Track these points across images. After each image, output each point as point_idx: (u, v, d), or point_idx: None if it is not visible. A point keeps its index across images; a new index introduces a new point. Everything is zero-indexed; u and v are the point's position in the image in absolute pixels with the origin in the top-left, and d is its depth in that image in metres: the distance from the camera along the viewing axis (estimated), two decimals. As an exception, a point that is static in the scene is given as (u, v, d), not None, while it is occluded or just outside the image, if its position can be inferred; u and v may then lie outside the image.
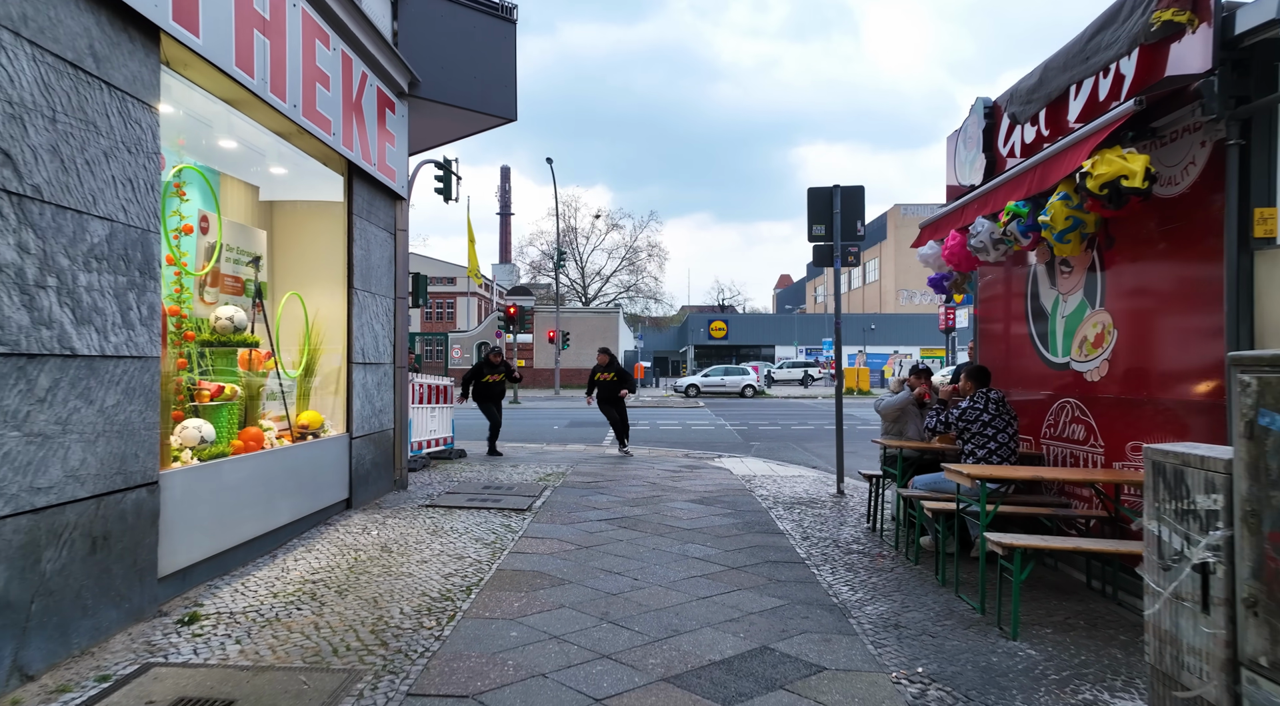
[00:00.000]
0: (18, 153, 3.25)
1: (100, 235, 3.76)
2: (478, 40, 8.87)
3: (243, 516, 5.21)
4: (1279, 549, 2.54)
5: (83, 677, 3.44)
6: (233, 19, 4.81)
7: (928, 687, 3.65)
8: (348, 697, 3.36)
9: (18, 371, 3.27)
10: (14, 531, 3.25)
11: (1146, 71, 4.49)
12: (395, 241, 8.20)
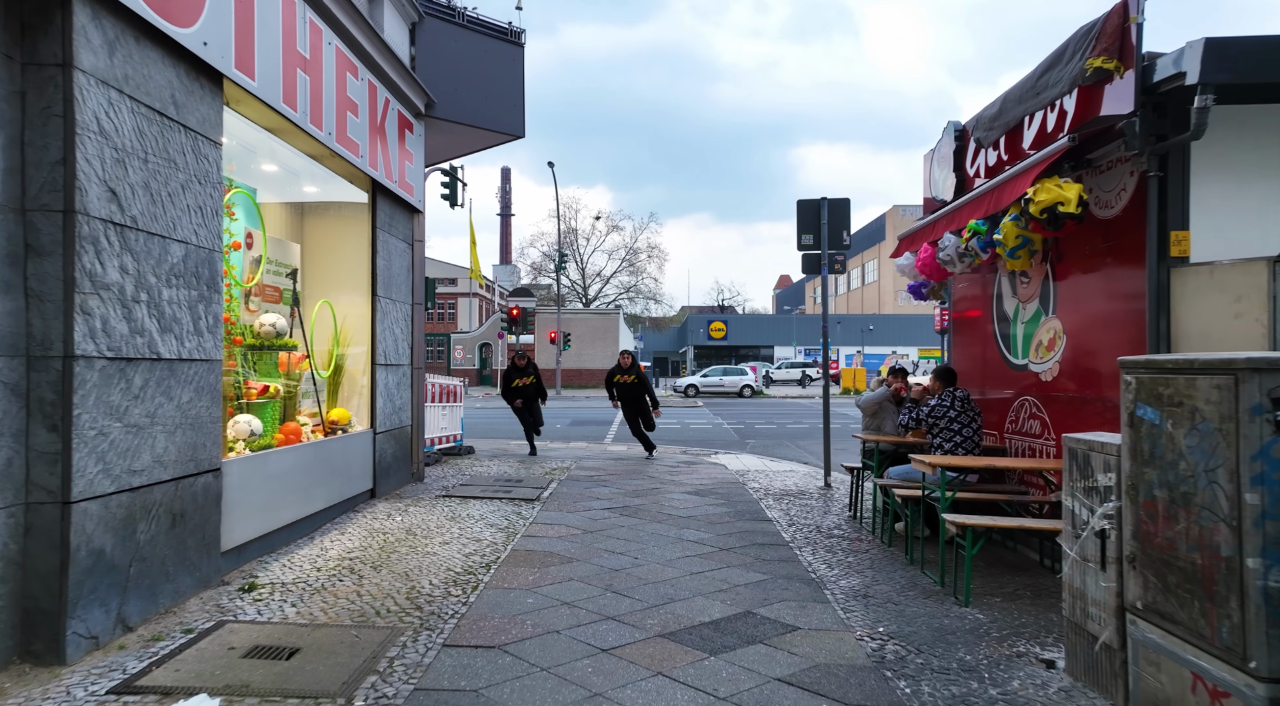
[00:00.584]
0: (121, 190, 3.89)
1: (178, 256, 4.40)
2: (488, 63, 9.50)
3: (285, 501, 5.85)
4: (1150, 514, 3.18)
5: (170, 630, 4.08)
6: (280, 61, 5.45)
7: (885, 643, 4.28)
8: (394, 647, 3.99)
9: (119, 372, 3.91)
10: (118, 505, 3.89)
11: (1084, 109, 5.12)
12: (413, 251, 8.84)
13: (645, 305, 63.64)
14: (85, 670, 3.57)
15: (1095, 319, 5.58)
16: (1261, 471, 2.64)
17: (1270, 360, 2.67)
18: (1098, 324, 5.55)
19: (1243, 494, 2.68)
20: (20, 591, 3.52)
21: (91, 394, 3.71)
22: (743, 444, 15.84)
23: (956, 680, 3.78)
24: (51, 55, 3.56)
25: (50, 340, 3.57)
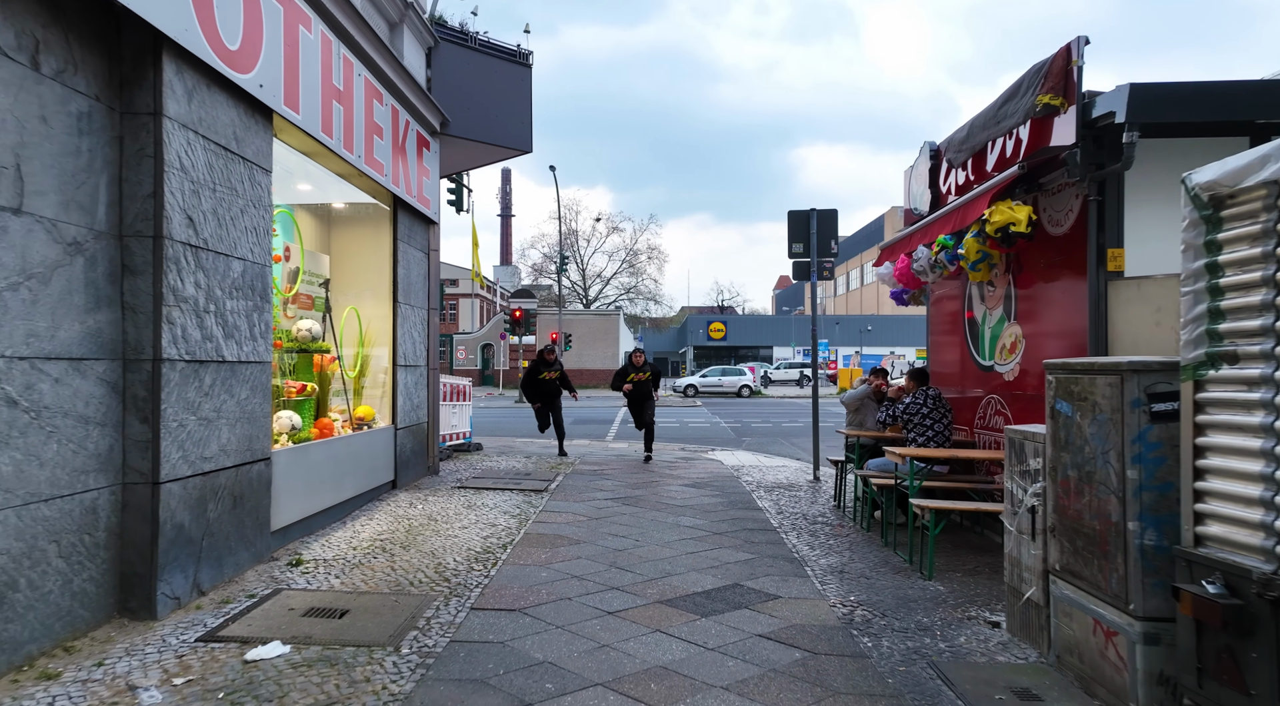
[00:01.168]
0: (196, 217, 4.53)
1: (238, 271, 5.04)
2: (498, 83, 10.15)
3: (322, 488, 6.50)
4: (1065, 491, 3.83)
5: (235, 595, 4.73)
6: (320, 94, 6.10)
7: (855, 609, 4.93)
8: (429, 610, 4.64)
9: (194, 373, 4.55)
10: (193, 487, 4.53)
11: (1036, 139, 5.76)
12: (428, 260, 9.49)
13: (645, 306, 64.29)
14: (173, 624, 4.21)
15: (1049, 324, 6.23)
16: (1139, 452, 3.29)
17: (1146, 363, 3.32)
18: (1051, 329, 6.19)
19: (1126, 470, 3.32)
20: (119, 558, 4.17)
21: (174, 391, 4.35)
22: (739, 441, 16.48)
23: (912, 637, 4.42)
24: (145, 106, 4.20)
25: (142, 346, 4.22)
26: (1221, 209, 2.92)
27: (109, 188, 4.11)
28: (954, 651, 4.21)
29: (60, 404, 3.76)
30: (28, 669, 3.55)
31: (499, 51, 10.08)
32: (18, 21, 3.49)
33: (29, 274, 3.56)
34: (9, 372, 3.45)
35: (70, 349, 3.83)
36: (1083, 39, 5.38)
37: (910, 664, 4.01)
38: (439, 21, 9.50)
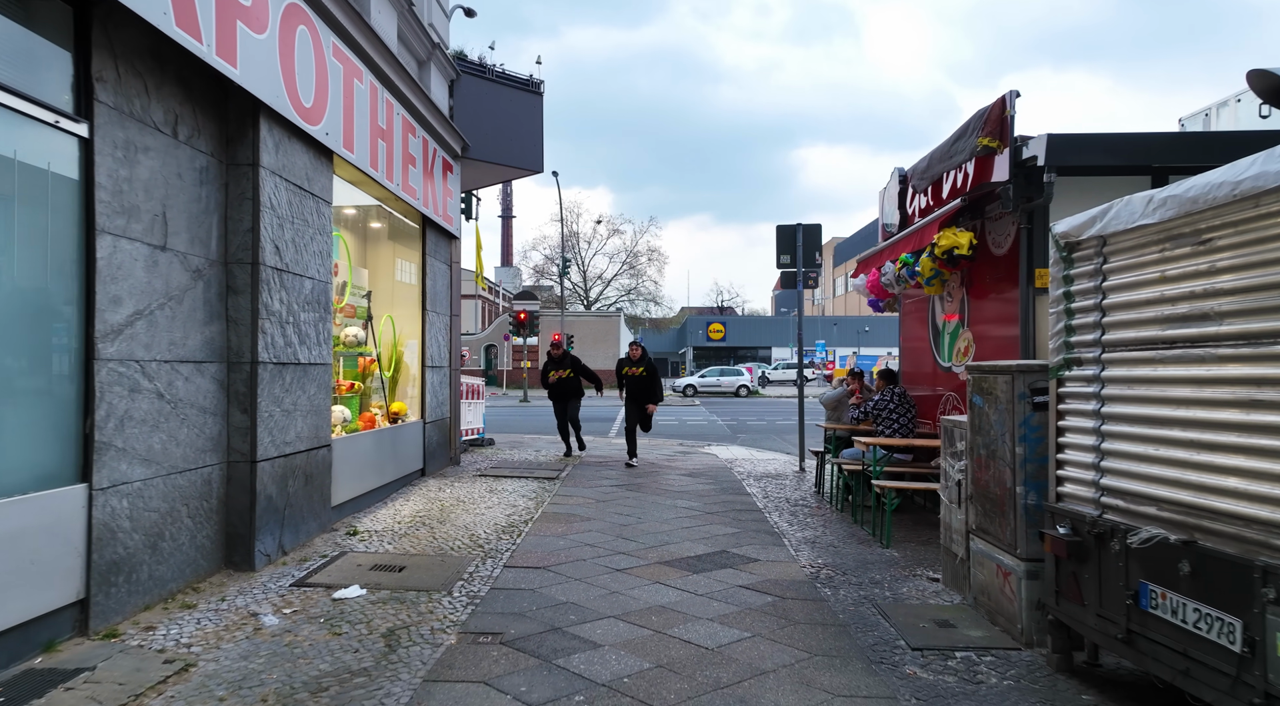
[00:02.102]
0: (281, 245, 5.56)
1: (308, 288, 6.07)
2: (512, 110, 11.18)
3: (367, 472, 7.53)
4: (979, 466, 4.85)
5: (310, 555, 5.76)
6: (369, 135, 7.13)
7: (821, 569, 5.95)
8: (470, 566, 5.67)
9: (279, 373, 5.58)
10: (279, 466, 5.56)
11: (980, 174, 6.78)
12: (450, 272, 10.52)
13: (645, 307, 65.33)
14: (268, 574, 5.24)
15: (993, 331, 7.25)
16: (1025, 433, 4.31)
17: (1029, 366, 4.35)
18: (994, 335, 7.21)
19: (1015, 448, 4.35)
20: (225, 521, 5.20)
21: (265, 388, 5.38)
22: (734, 437, 17.51)
23: (864, 588, 5.45)
24: (245, 158, 5.23)
25: (243, 351, 5.25)
26: (1072, 252, 3.95)
27: (218, 225, 5.14)
28: (896, 598, 5.24)
29: (188, 397, 4.79)
30: (171, 601, 4.58)
31: (514, 81, 11.11)
32: (165, 102, 4.52)
33: (170, 296, 4.59)
34: (159, 372, 4.48)
35: (194, 353, 4.86)
36: (1014, 92, 6.41)
37: (859, 606, 5.04)
38: (460, 56, 10.53)
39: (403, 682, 3.67)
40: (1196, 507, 3.06)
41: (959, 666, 4.04)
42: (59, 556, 3.78)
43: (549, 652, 4.09)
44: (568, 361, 11.72)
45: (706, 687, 3.70)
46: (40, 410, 3.79)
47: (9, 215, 3.65)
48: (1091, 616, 3.63)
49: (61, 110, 3.80)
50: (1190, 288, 3.15)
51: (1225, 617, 2.85)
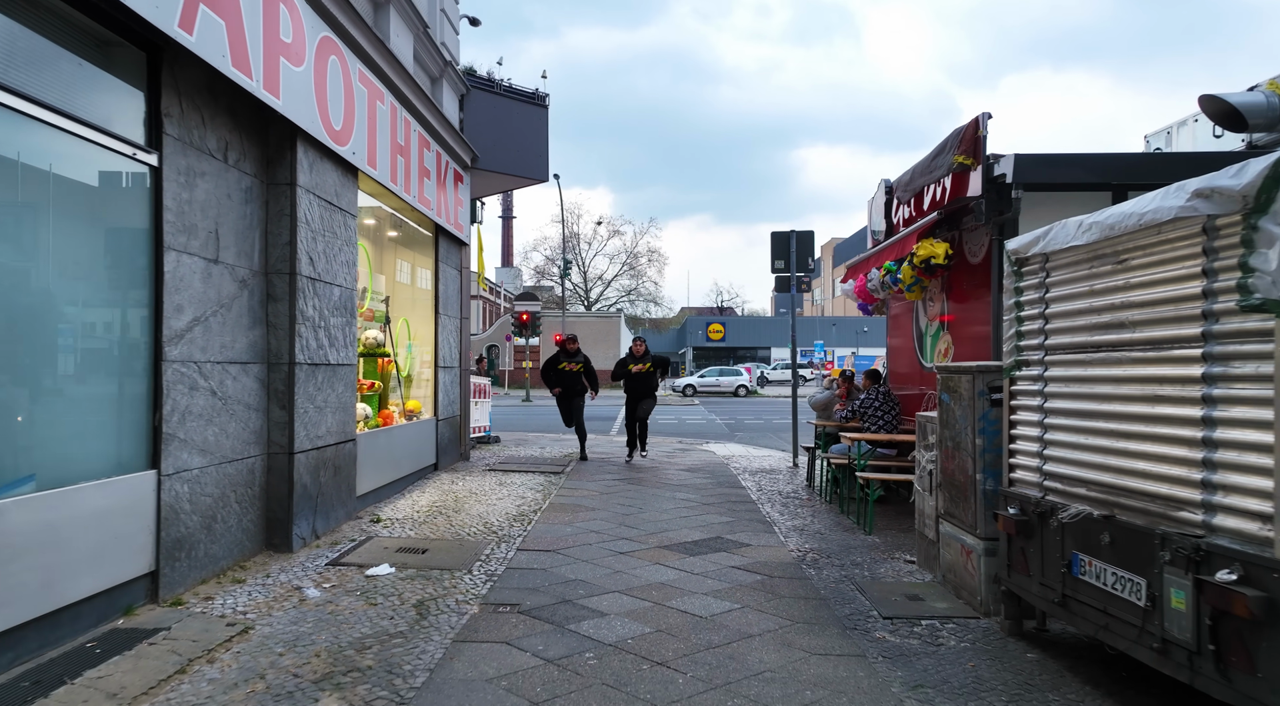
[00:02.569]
0: (314, 256, 6.11)
1: (336, 295, 6.62)
2: (518, 122, 11.72)
3: (386, 466, 8.07)
4: (947, 456, 5.39)
5: (340, 539, 6.30)
6: (390, 152, 7.67)
7: (807, 553, 6.49)
8: (486, 549, 6.21)
9: (312, 373, 6.12)
10: (312, 458, 6.11)
11: (956, 189, 7.32)
12: (460, 277, 11.06)
13: (645, 307, 65.87)
14: (304, 555, 5.79)
15: (970, 334, 7.79)
16: (983, 426, 4.85)
17: (987, 366, 4.89)
18: (971, 338, 7.75)
19: (975, 439, 4.89)
20: (266, 507, 5.74)
21: (301, 386, 5.93)
22: (731, 435, 18.05)
23: (845, 569, 5.99)
24: (284, 178, 5.78)
25: (281, 353, 5.79)
26: (1022, 267, 4.49)
27: (260, 239, 5.68)
28: (873, 577, 5.78)
29: (236, 394, 5.33)
30: (223, 576, 5.12)
31: (520, 95, 11.65)
32: (217, 131, 5.06)
33: (221, 304, 5.14)
34: (212, 372, 5.03)
35: (241, 355, 5.40)
36: (986, 114, 6.96)
37: (839, 584, 5.58)
38: (469, 71, 11.07)
39: (435, 642, 4.22)
40: (1115, 487, 3.60)
41: (923, 632, 4.58)
42: (135, 533, 4.32)
43: (561, 619, 4.63)
44: (580, 357, 11.52)
45: (700, 647, 4.24)
46: (119, 405, 4.33)
47: (95, 235, 4.19)
48: (1035, 585, 4.17)
49: (137, 143, 4.35)
50: (1111, 300, 3.69)
51: (1134, 578, 3.40)
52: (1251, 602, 2.77)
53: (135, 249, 4.44)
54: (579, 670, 3.90)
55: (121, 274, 4.37)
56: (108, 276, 4.29)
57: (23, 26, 3.71)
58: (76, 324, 4.13)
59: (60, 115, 3.81)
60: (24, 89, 3.61)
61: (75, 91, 3.98)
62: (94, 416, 4.17)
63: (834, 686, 3.78)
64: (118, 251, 4.34)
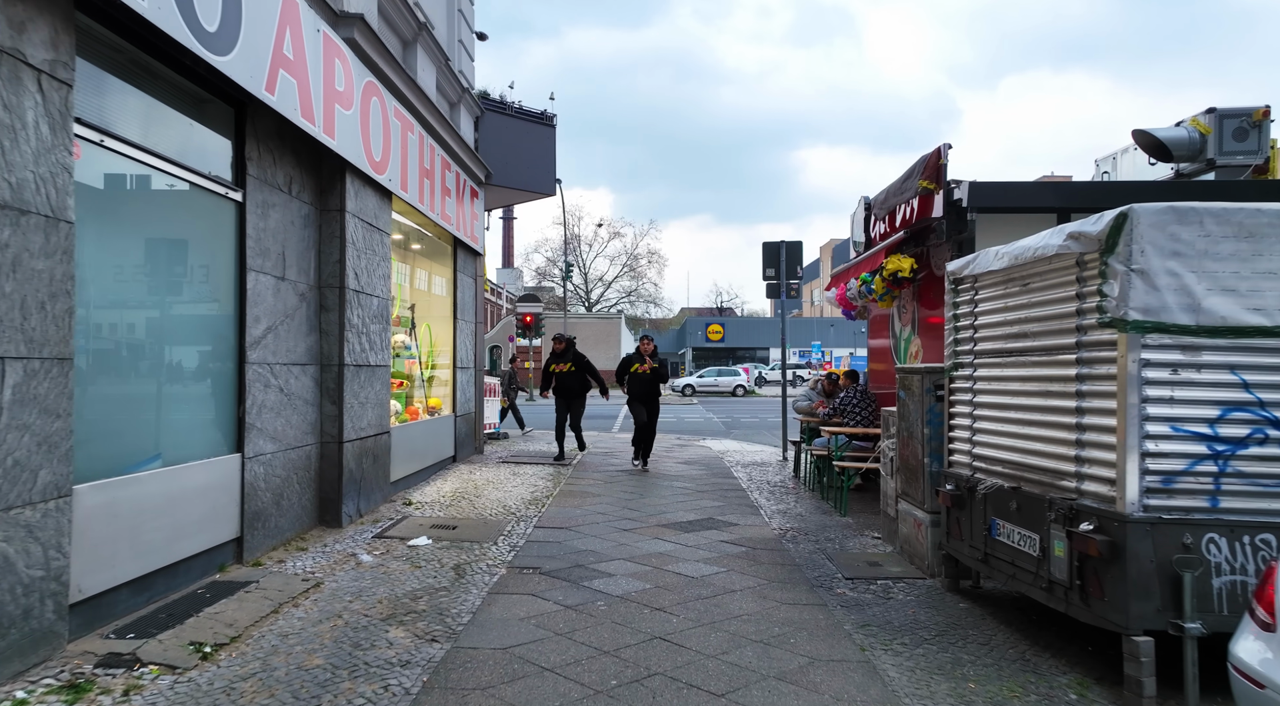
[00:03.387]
0: (359, 271, 7.04)
1: (374, 306, 7.54)
2: (528, 141, 12.66)
3: (414, 456, 9.00)
4: (903, 444, 6.32)
5: (380, 518, 7.23)
6: (418, 175, 8.60)
7: (787, 531, 7.41)
8: (508, 526, 7.13)
9: (356, 373, 7.05)
10: (356, 447, 7.04)
11: (922, 210, 8.23)
12: (475, 284, 11.99)
13: (645, 308, 66.82)
14: (352, 530, 6.72)
15: (935, 339, 8.71)
16: (930, 418, 5.78)
17: (933, 367, 5.82)
18: (936, 342, 8.67)
19: (923, 429, 5.82)
20: (319, 488, 6.67)
21: (348, 385, 6.86)
22: (727, 432, 18.98)
23: (819, 543, 6.91)
24: (334, 205, 6.71)
25: (332, 356, 6.72)
26: (958, 285, 5.42)
27: (315, 258, 6.62)
28: (843, 549, 6.71)
29: (298, 391, 6.27)
30: (289, 545, 6.05)
31: (530, 116, 12.59)
32: (284, 168, 6.00)
33: (287, 314, 6.07)
34: (280, 372, 5.96)
35: (301, 358, 6.34)
36: (947, 145, 7.87)
37: (812, 554, 6.51)
38: (483, 95, 12.00)
39: (474, 593, 5.15)
40: (1020, 465, 4.53)
41: (877, 589, 5.51)
42: (226, 504, 5.26)
43: (576, 578, 5.57)
44: (570, 355, 11.08)
45: (691, 598, 5.17)
46: (215, 400, 5.27)
47: (198, 259, 5.12)
48: (966, 547, 5.10)
49: (227, 183, 5.28)
50: (1018, 314, 4.62)
51: (1031, 534, 4.32)
52: (1100, 545, 3.70)
53: (225, 270, 5.37)
54: (592, 613, 4.83)
55: (217, 291, 5.30)
56: (207, 293, 5.23)
57: (149, 97, 4.64)
58: (185, 333, 5.06)
59: (175, 165, 4.74)
60: (154, 147, 4.54)
61: (185, 144, 4.91)
62: (198, 408, 5.11)
63: (798, 625, 4.71)
64: (213, 272, 5.27)
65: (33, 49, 3.51)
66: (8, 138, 3.37)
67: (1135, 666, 3.60)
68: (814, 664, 4.10)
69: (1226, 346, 3.66)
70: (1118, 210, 3.77)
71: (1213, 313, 3.66)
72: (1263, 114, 7.27)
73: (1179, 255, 3.68)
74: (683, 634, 4.51)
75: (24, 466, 3.47)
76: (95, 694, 3.42)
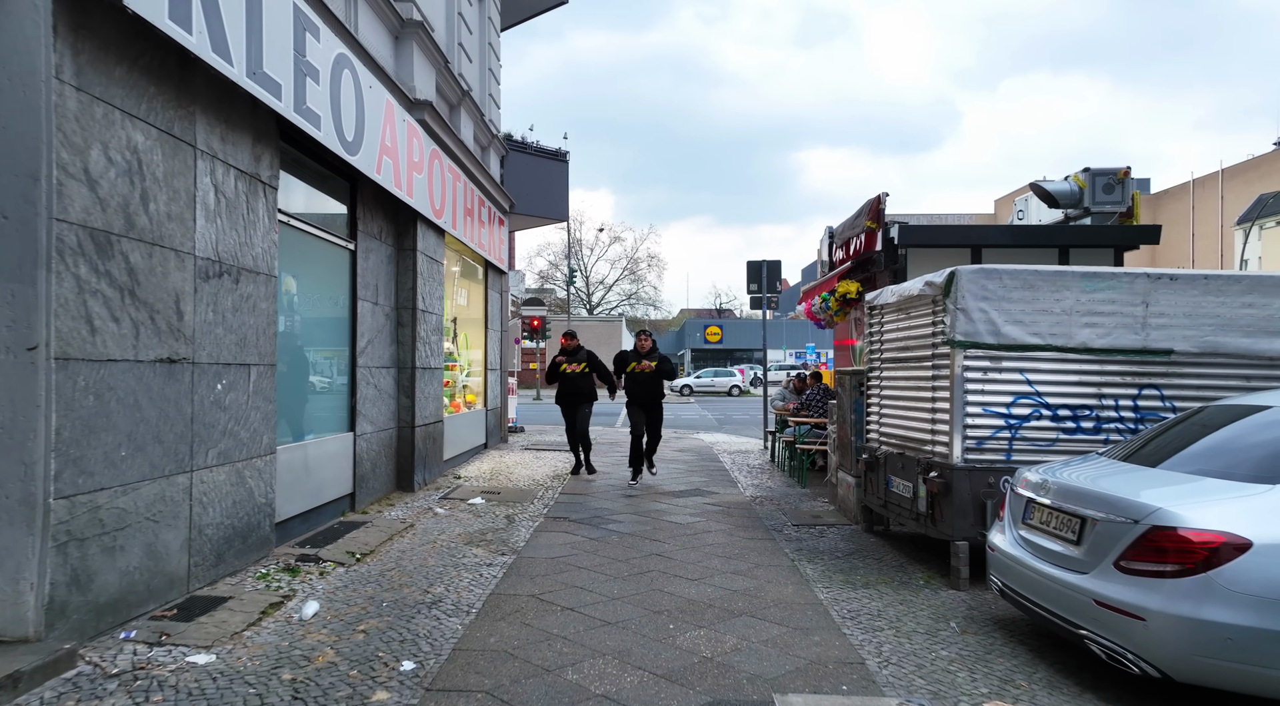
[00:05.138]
0: (424, 295, 9.12)
1: (433, 321, 9.62)
2: (544, 174, 14.74)
3: (458, 441, 11.09)
4: (840, 428, 8.40)
5: (441, 486, 9.31)
6: (462, 214, 10.68)
7: (757, 498, 9.48)
8: (538, 493, 9.21)
9: (422, 373, 9.13)
10: (423, 431, 9.12)
11: (868, 244, 10.29)
12: (501, 298, 14.07)
13: (645, 311, 68.84)
14: (422, 494, 8.79)
15: (881, 347, 10.77)
16: (855, 406, 7.85)
17: (856, 370, 7.90)
18: (881, 349, 10.74)
19: (850, 415, 7.89)
20: (396, 462, 8.75)
21: (417, 383, 8.93)
22: (720, 427, 21.07)
23: (780, 506, 8.98)
24: (408, 245, 8.79)
25: (406, 361, 8.80)
26: (871, 312, 7.50)
27: (394, 286, 8.70)
28: (796, 509, 8.78)
29: (384, 387, 8.34)
30: (380, 503, 8.13)
31: (546, 153, 14.67)
32: (377, 221, 8.08)
33: (379, 330, 8.15)
34: (374, 374, 8.04)
35: (385, 363, 8.42)
36: (885, 193, 9.96)
37: (773, 512, 8.58)
38: (508, 136, 14.08)
39: (523, 530, 7.22)
40: (904, 437, 6.59)
41: (814, 531, 7.58)
42: (345, 468, 7.34)
43: (595, 523, 7.64)
44: (582, 354, 10.28)
45: (678, 534, 7.24)
46: (339, 393, 7.35)
47: (329, 293, 7.20)
48: (875, 499, 7.17)
49: (345, 237, 7.36)
50: (904, 334, 6.69)
51: (909, 483, 6.39)
52: (940, 485, 5.77)
53: (344, 300, 7.46)
54: (608, 541, 6.91)
55: (340, 316, 7.39)
56: (336, 318, 7.32)
57: (304, 183, 6.72)
58: (325, 346, 7.15)
59: (319, 229, 6.82)
60: (308, 218, 6.62)
61: (323, 213, 7.00)
62: (331, 399, 7.20)
63: (752, 548, 6.78)
64: (338, 303, 7.36)
65: (262, 170, 5.59)
66: (251, 228, 5.45)
67: (957, 561, 5.68)
68: (759, 567, 6.18)
69: (1016, 357, 5.73)
70: (950, 270, 5.84)
71: (1008, 336, 5.73)
72: (1125, 173, 9.34)
73: (987, 299, 5.75)
74: (671, 551, 6.59)
75: (257, 433, 5.55)
76: (303, 574, 5.49)
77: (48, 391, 3.63)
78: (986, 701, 3.71)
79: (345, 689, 3.69)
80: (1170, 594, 3.50)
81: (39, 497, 3.60)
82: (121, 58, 4.10)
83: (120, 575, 4.13)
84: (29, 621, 3.59)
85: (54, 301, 3.65)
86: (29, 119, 3.58)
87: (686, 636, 4.54)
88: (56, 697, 3.38)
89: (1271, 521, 3.49)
